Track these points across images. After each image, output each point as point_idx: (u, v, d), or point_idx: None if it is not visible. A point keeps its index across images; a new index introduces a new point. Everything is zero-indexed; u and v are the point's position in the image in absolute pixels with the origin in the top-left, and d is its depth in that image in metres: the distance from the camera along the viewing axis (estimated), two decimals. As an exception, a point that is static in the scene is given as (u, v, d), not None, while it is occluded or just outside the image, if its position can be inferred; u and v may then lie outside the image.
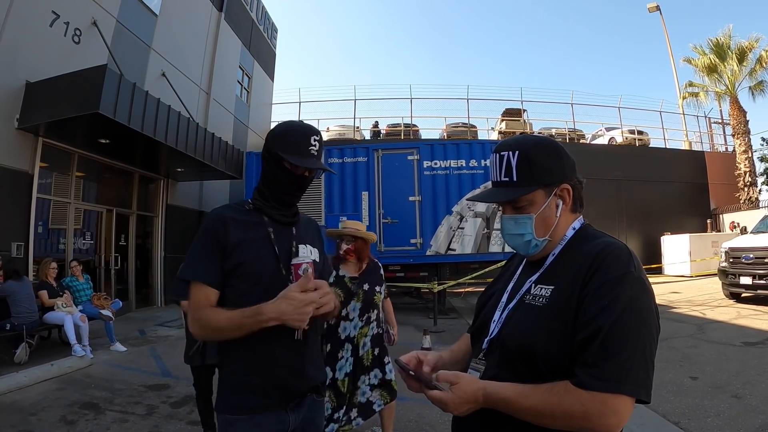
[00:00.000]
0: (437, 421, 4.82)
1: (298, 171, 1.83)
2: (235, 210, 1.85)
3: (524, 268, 1.46)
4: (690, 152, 24.15)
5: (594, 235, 1.35)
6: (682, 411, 4.77)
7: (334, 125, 24.33)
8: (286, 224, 1.90)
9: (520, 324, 1.30)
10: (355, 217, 11.87)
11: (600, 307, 1.13)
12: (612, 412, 1.08)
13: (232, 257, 1.72)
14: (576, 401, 1.09)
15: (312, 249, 1.94)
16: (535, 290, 1.32)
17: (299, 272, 1.65)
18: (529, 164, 1.33)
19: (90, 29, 10.12)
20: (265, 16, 20.92)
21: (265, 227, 1.83)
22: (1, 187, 8.29)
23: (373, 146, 12.86)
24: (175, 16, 13.58)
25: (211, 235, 1.74)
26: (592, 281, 1.18)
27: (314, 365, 1.86)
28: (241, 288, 1.72)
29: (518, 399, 1.16)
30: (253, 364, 1.70)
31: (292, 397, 1.76)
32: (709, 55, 22.25)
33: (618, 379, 1.07)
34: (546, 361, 1.19)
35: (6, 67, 8.29)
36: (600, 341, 1.09)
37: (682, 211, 21.21)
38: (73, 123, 8.62)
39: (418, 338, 7.56)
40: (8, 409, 5.09)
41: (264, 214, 1.86)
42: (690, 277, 17.71)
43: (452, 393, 1.21)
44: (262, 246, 1.79)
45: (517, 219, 1.38)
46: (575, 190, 1.39)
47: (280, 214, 1.88)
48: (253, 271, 1.74)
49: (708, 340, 7.91)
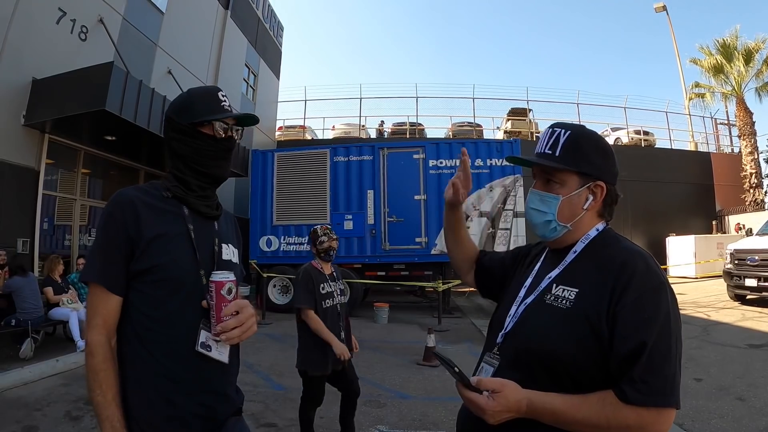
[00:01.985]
0: (441, 419, 4.82)
1: (221, 132, 1.57)
2: (149, 194, 1.52)
3: (544, 262, 1.46)
4: (696, 153, 24.07)
5: (617, 239, 1.36)
6: (686, 413, 4.74)
7: (340, 123, 24.36)
8: (208, 218, 1.61)
9: (541, 325, 1.29)
10: (360, 215, 11.91)
11: (641, 319, 1.15)
12: (663, 422, 1.13)
13: (144, 256, 1.40)
14: (633, 415, 1.12)
15: (233, 250, 1.69)
16: (557, 291, 1.31)
17: (221, 292, 1.39)
18: (576, 147, 1.35)
19: (96, 26, 10.15)
20: (271, 14, 20.91)
21: (185, 222, 1.52)
22: (8, 183, 8.32)
23: (378, 145, 12.87)
24: (182, 13, 13.60)
25: (119, 226, 1.41)
26: (629, 292, 1.18)
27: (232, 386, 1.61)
28: (155, 297, 1.41)
29: (569, 410, 1.17)
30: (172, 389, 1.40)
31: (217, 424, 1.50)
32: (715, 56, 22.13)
33: (664, 393, 1.11)
34: (569, 367, 1.20)
35: (13, 64, 8.31)
36: (646, 357, 1.12)
37: (688, 212, 21.16)
38: (79, 120, 8.64)
39: (422, 337, 7.57)
40: (13, 404, 5.11)
41: (184, 204, 1.55)
42: (695, 278, 17.68)
43: (494, 400, 1.18)
44: (180, 244, 1.48)
45: (543, 196, 1.39)
46: (609, 195, 1.39)
47: (205, 204, 1.59)
48: (172, 276, 1.42)
49: (713, 342, 7.89)
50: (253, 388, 5.78)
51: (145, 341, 1.40)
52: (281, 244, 12.31)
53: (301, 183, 12.45)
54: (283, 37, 22.45)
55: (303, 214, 12.33)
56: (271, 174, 12.67)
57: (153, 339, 1.40)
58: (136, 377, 1.39)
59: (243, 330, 1.42)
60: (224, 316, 1.39)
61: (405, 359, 7.31)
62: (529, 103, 24.52)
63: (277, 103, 22.83)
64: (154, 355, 1.39)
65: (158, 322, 1.41)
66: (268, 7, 20.39)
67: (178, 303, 1.42)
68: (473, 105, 24.44)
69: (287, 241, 12.35)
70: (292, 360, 7.11)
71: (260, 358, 7.26)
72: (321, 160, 12.46)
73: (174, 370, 1.40)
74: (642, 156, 22.15)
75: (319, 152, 12.80)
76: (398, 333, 9.69)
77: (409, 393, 5.73)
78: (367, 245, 11.97)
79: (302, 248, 12.16)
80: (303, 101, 24.77)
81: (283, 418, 4.83)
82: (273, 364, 6.93)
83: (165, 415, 1.38)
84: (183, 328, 1.42)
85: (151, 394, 1.38)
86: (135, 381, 1.39)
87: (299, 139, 23.29)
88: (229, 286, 1.40)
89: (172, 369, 1.40)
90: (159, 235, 1.43)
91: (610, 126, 25.01)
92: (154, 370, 1.39)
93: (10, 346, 6.86)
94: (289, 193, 12.49)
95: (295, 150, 13.95)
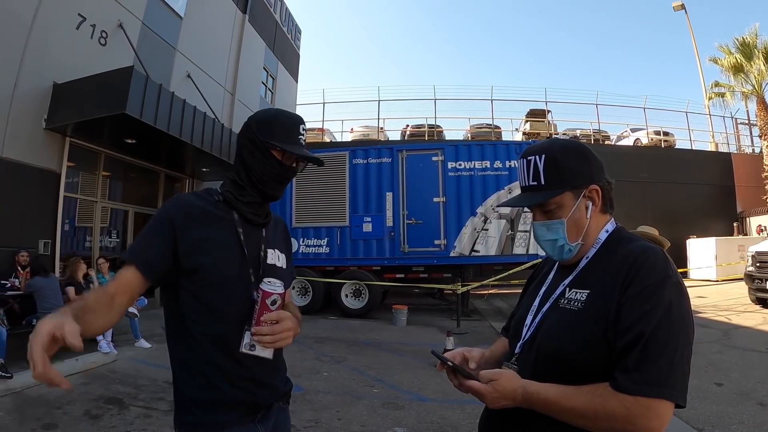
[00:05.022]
0: (460, 422, 4.76)
1: (288, 161, 1.66)
2: (204, 199, 1.61)
3: (557, 272, 1.46)
4: (716, 154, 23.61)
5: (628, 239, 1.34)
6: (706, 418, 4.68)
7: (358, 126, 24.46)
8: (256, 225, 1.68)
9: (555, 328, 1.30)
10: (379, 217, 11.89)
11: (641, 312, 1.13)
12: (655, 416, 1.09)
13: (191, 256, 1.49)
14: (620, 404, 1.09)
15: (280, 254, 1.75)
16: (570, 294, 1.32)
17: (266, 301, 1.45)
18: (556, 167, 1.33)
19: (116, 31, 10.29)
20: (289, 17, 21.07)
21: (234, 226, 1.60)
22: (30, 185, 8.45)
23: (397, 147, 12.85)
24: (200, 18, 13.74)
25: (167, 222, 1.50)
26: (632, 286, 1.17)
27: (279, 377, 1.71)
28: (202, 294, 1.51)
29: (560, 400, 1.17)
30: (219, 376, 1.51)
31: (260, 408, 1.60)
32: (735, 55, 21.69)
33: (658, 384, 1.08)
34: (581, 365, 1.20)
35: (34, 69, 8.45)
36: (642, 346, 1.10)
37: (708, 213, 20.70)
38: (99, 123, 8.76)
39: (441, 339, 7.51)
40: (34, 402, 5.15)
41: (235, 209, 1.62)
42: (716, 281, 17.36)
43: (491, 386, 1.22)
44: (228, 247, 1.56)
45: (549, 225, 1.37)
46: (604, 190, 1.38)
47: (253, 212, 1.66)
48: (215, 277, 1.51)
49: (733, 346, 7.75)
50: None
51: (196, 333, 1.51)
52: (300, 246, 12.31)
53: (320, 185, 12.45)
54: (300, 41, 22.60)
55: (322, 216, 12.34)
56: (290, 176, 12.63)
57: (202, 332, 1.51)
58: (188, 363, 1.53)
59: (274, 339, 1.48)
60: (262, 321, 1.46)
61: (423, 362, 7.25)
62: (547, 105, 24.37)
63: (296, 105, 22.97)
64: (203, 345, 1.50)
65: (206, 317, 1.51)
66: (285, 11, 20.55)
67: (223, 300, 1.51)
68: (492, 106, 24.28)
69: (306, 243, 12.35)
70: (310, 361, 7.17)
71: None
72: (340, 162, 12.44)
73: (220, 360, 1.50)
74: (662, 157, 21.85)
75: (338, 154, 12.78)
76: (417, 335, 9.61)
77: (428, 395, 5.66)
78: (386, 247, 11.91)
79: (321, 250, 12.18)
80: (321, 104, 24.89)
81: (302, 419, 4.79)
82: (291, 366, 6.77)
83: (211, 398, 1.50)
84: (230, 325, 1.51)
85: (200, 380, 1.50)
86: (188, 366, 1.53)
87: (318, 141, 23.29)
88: (274, 298, 1.46)
89: (218, 359, 1.50)
90: (206, 237, 1.52)
91: (629, 127, 24.78)
92: (203, 359, 1.50)
93: (32, 345, 6.89)
94: (309, 196, 12.48)
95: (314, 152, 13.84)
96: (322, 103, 24.84)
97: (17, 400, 5.21)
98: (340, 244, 12.12)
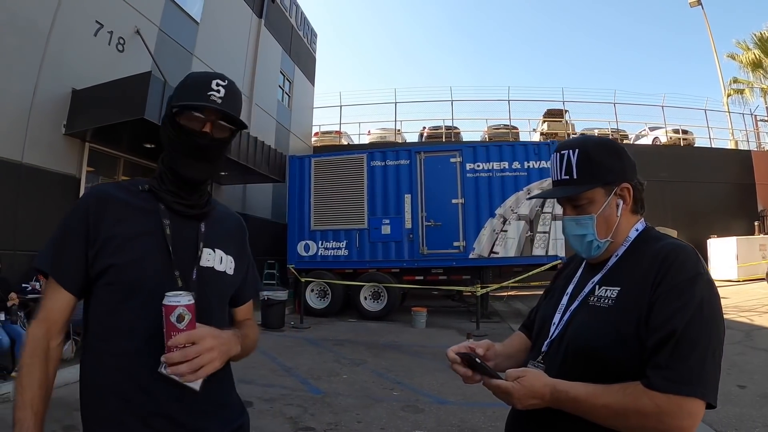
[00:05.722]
0: (480, 426, 4.70)
1: (194, 124, 1.31)
2: (124, 189, 1.36)
3: (585, 270, 1.46)
4: (736, 151, 23.19)
5: (658, 237, 1.34)
6: (728, 420, 4.58)
7: (375, 128, 24.58)
8: (188, 217, 1.37)
9: (585, 326, 1.29)
10: (397, 220, 11.85)
11: (673, 309, 1.12)
12: (686, 415, 1.07)
13: (100, 256, 1.24)
14: (651, 402, 1.08)
15: (224, 257, 1.43)
16: (600, 291, 1.31)
17: (170, 318, 1.13)
18: (589, 162, 1.34)
19: (133, 37, 10.37)
20: (305, 21, 21.18)
21: (158, 217, 1.32)
22: (50, 190, 8.53)
23: (415, 149, 12.82)
24: (216, 23, 13.84)
25: (82, 218, 1.27)
26: (663, 283, 1.17)
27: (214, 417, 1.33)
28: (111, 302, 1.25)
29: (590, 398, 1.15)
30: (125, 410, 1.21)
31: None
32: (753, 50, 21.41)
33: (690, 382, 1.07)
34: (612, 363, 1.19)
35: (53, 76, 8.53)
36: (673, 344, 1.09)
37: (729, 212, 20.33)
38: (118, 128, 8.81)
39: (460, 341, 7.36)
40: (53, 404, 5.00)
41: (159, 199, 1.35)
42: (737, 281, 17.07)
43: (518, 384, 1.20)
44: (147, 242, 1.28)
45: (578, 220, 1.37)
46: (636, 190, 1.38)
47: (179, 202, 1.36)
48: (129, 280, 1.24)
49: (756, 348, 7.63)
50: (291, 392, 5.74)
51: (99, 352, 1.25)
52: (319, 249, 12.36)
53: (339, 188, 12.50)
54: (316, 44, 22.70)
55: (340, 218, 12.38)
56: (308, 179, 12.76)
57: (106, 350, 1.24)
58: (89, 391, 1.26)
59: (191, 367, 1.13)
60: (171, 346, 1.13)
61: (443, 364, 7.14)
62: (565, 104, 24.11)
63: (313, 109, 23.06)
64: (106, 368, 1.23)
65: (112, 332, 1.24)
66: (301, 15, 20.66)
67: (136, 310, 1.23)
68: (509, 107, 24.13)
69: (325, 246, 12.40)
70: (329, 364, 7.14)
71: (298, 362, 7.24)
72: (358, 164, 12.47)
73: (124, 387, 1.21)
74: (681, 155, 21.53)
75: (356, 157, 12.83)
76: (436, 337, 9.55)
77: (448, 398, 5.60)
78: (405, 249, 11.90)
79: (340, 253, 12.21)
80: (338, 107, 24.95)
81: (321, 422, 4.76)
82: (311, 368, 6.89)
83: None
84: (140, 341, 1.22)
85: (102, 412, 1.22)
86: (88, 395, 1.25)
87: (335, 144, 23.38)
88: (179, 312, 1.14)
89: (123, 386, 1.21)
90: (120, 232, 1.26)
91: (648, 125, 24.46)
92: (106, 386, 1.22)
93: (52, 349, 6.94)
94: (327, 198, 12.54)
95: (331, 155, 14.02)
96: (339, 106, 24.92)
97: (37, 403, 5.20)
98: (359, 246, 12.15)
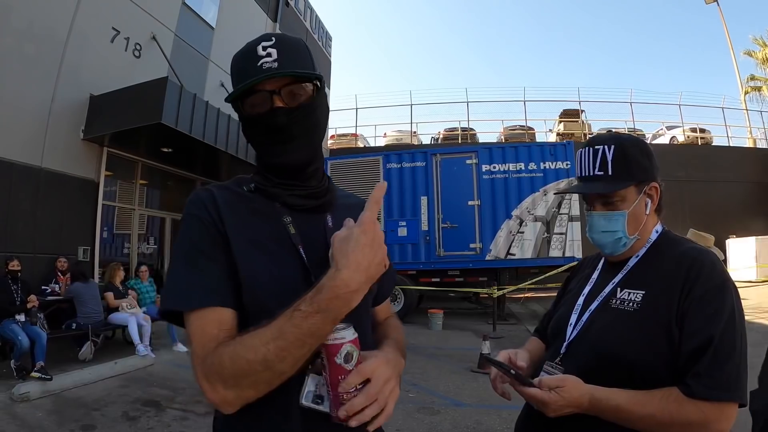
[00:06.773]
0: (496, 428, 4.68)
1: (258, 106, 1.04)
2: (231, 191, 1.09)
3: (603, 271, 1.46)
4: (754, 150, 22.77)
5: (677, 241, 1.36)
6: (744, 424, 4.46)
7: (391, 131, 24.47)
8: (310, 211, 1.11)
9: (610, 329, 1.29)
10: (414, 222, 11.81)
11: (707, 315, 1.15)
12: (725, 418, 1.12)
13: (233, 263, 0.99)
14: (696, 410, 1.10)
15: None
16: (622, 294, 1.31)
17: (336, 360, 0.88)
18: (625, 159, 1.34)
19: (150, 43, 10.52)
20: (319, 25, 21.20)
21: (279, 216, 1.07)
22: (69, 194, 8.67)
23: (431, 151, 12.72)
24: (232, 28, 13.91)
25: (204, 225, 1.00)
26: (695, 290, 1.18)
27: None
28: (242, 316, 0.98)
29: (633, 407, 1.15)
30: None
31: None
32: (769, 47, 21.10)
33: (728, 388, 1.10)
34: (639, 368, 1.20)
35: (71, 82, 8.69)
36: (712, 351, 1.11)
37: (748, 212, 19.81)
38: (136, 133, 8.96)
39: (477, 344, 7.37)
40: (73, 403, 5.23)
41: (270, 197, 1.09)
42: (756, 282, 16.72)
43: (557, 394, 1.19)
44: (276, 247, 1.03)
45: (609, 216, 1.36)
46: (661, 191, 1.40)
47: (296, 194, 1.09)
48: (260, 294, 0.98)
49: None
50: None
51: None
52: (334, 251, 12.31)
53: (355, 190, 12.38)
54: (331, 47, 22.73)
55: (356, 220, 12.28)
56: (326, 182, 12.69)
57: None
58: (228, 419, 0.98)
59: (379, 406, 0.90)
60: (343, 393, 0.87)
61: (459, 366, 7.15)
62: (581, 104, 23.86)
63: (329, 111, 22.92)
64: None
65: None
66: (315, 19, 20.69)
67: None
68: (524, 108, 23.95)
69: (340, 248, 12.31)
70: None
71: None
72: (374, 167, 12.42)
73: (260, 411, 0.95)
74: (698, 155, 21.12)
75: (372, 159, 12.78)
76: (453, 340, 9.50)
77: (463, 400, 5.57)
78: (422, 251, 11.81)
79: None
80: (354, 109, 24.92)
81: (336, 420, 4.74)
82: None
83: None
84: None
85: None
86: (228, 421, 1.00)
87: (351, 147, 23.33)
88: (347, 350, 0.89)
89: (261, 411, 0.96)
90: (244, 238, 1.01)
91: (665, 124, 24.14)
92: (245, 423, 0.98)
93: (71, 348, 7.05)
94: (343, 200, 12.47)
95: (348, 158, 14.00)
96: (354, 109, 24.87)
97: (57, 402, 5.28)
98: (375, 248, 12.07)
